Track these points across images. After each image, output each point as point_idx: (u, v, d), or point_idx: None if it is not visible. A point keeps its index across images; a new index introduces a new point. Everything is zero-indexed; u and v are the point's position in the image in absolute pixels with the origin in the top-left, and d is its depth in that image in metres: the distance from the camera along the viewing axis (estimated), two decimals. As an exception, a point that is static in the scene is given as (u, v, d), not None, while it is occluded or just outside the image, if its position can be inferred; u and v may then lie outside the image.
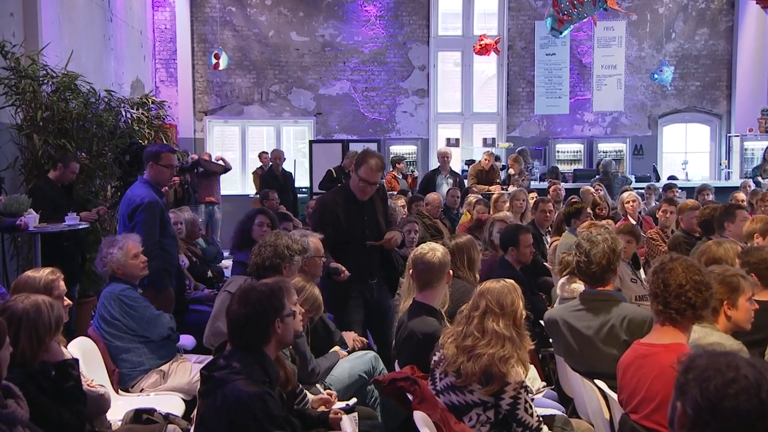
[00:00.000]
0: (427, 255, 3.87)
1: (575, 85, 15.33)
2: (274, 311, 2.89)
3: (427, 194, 9.11)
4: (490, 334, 3.13)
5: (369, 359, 4.45)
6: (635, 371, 2.90)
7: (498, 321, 3.15)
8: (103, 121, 7.79)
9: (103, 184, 8.15)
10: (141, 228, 5.13)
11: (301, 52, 14.97)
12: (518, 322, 3.18)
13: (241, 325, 2.86)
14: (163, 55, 14.26)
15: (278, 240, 4.19)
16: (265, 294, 2.91)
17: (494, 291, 3.22)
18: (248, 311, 2.85)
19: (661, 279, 2.88)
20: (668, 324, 2.88)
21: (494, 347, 3.09)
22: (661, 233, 7.23)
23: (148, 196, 5.25)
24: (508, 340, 3.11)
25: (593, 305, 3.73)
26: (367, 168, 5.02)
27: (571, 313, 3.80)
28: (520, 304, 3.21)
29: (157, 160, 5.41)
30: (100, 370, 4.14)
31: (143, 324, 4.38)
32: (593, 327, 3.65)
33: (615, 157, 14.86)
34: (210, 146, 14.72)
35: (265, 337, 2.89)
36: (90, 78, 8.18)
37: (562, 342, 3.83)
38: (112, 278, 4.45)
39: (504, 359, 3.07)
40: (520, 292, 3.26)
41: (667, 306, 2.86)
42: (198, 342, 4.94)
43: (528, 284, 5.56)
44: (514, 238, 5.63)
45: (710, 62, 15.58)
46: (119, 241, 4.49)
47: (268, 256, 4.13)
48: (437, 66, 15.34)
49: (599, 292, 3.76)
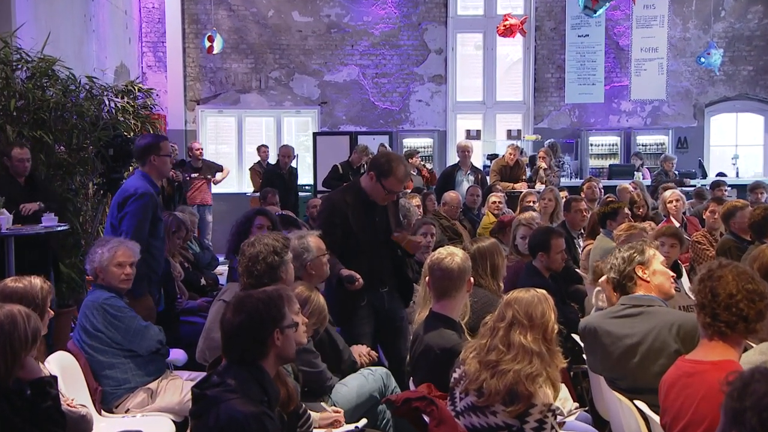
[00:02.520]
0: (445, 260, 3.86)
1: (611, 70, 15.28)
2: (273, 321, 2.89)
3: (445, 193, 9.09)
4: (516, 348, 3.12)
5: (380, 376, 4.44)
6: (680, 391, 2.88)
7: (526, 334, 3.14)
8: (84, 111, 7.83)
9: (83, 181, 8.18)
10: (130, 219, 5.17)
11: (304, 34, 14.99)
12: (549, 336, 3.18)
13: (235, 336, 2.86)
14: (150, 38, 14.31)
15: (257, 247, 4.03)
16: (262, 302, 2.91)
17: (523, 301, 3.22)
18: (243, 320, 2.85)
19: (708, 288, 2.87)
20: (717, 338, 2.86)
21: (521, 363, 3.08)
22: (708, 236, 7.19)
23: (143, 187, 5.32)
24: (536, 355, 3.10)
25: (636, 311, 3.71)
26: (395, 181, 5.05)
27: (611, 320, 3.77)
28: (551, 317, 3.21)
29: (158, 151, 5.50)
30: (81, 388, 4.15)
31: (129, 336, 4.39)
32: (637, 335, 3.62)
33: (656, 151, 14.81)
34: (203, 139, 14.75)
35: (263, 350, 2.89)
36: (69, 63, 8.22)
37: (599, 354, 3.80)
38: (95, 285, 4.47)
39: (531, 377, 3.06)
40: (551, 303, 3.26)
41: (716, 318, 2.84)
42: (190, 357, 4.95)
43: (558, 293, 5.54)
44: (544, 242, 5.60)
45: (764, 44, 15.49)
46: (111, 242, 4.53)
47: (259, 271, 4.01)
48: (456, 49, 15.33)
49: (643, 296, 3.75)
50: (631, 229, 5.95)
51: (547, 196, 8.49)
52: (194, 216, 8.37)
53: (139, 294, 5.12)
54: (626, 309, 3.75)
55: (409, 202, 7.74)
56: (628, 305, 3.75)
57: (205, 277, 7.32)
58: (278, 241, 4.10)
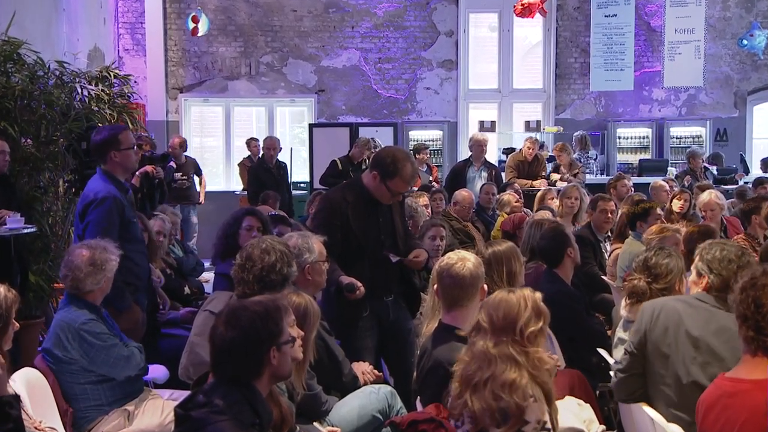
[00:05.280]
0: (456, 266, 3.87)
1: (642, 54, 15.27)
2: (270, 337, 2.89)
3: (456, 191, 9.08)
4: (479, 358, 3.19)
5: (384, 395, 4.45)
6: (719, 413, 2.88)
7: (487, 339, 3.22)
8: (53, 100, 7.81)
9: (53, 177, 8.17)
10: (92, 229, 5.11)
11: (299, 15, 15.00)
12: (522, 338, 3.21)
13: (228, 353, 2.86)
14: (128, 18, 14.32)
15: (272, 255, 4.08)
16: (259, 315, 2.90)
17: (487, 304, 3.33)
18: (238, 336, 2.85)
19: (751, 298, 2.87)
20: (761, 354, 2.86)
21: (488, 370, 3.13)
22: (750, 240, 7.16)
23: (103, 190, 5.24)
24: (510, 359, 3.14)
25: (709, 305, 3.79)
26: (401, 182, 5.05)
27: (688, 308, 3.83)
28: (522, 316, 3.25)
29: (118, 145, 5.39)
30: (51, 409, 4.15)
31: (107, 368, 4.39)
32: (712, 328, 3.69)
33: (693, 143, 14.78)
34: (186, 131, 14.78)
35: (258, 369, 2.89)
36: (37, 46, 8.21)
37: (679, 341, 3.77)
38: (69, 296, 4.47)
39: (511, 384, 3.07)
40: (529, 301, 3.30)
41: (760, 332, 2.84)
42: (172, 374, 4.95)
43: (582, 303, 5.54)
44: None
45: (813, 25, 15.48)
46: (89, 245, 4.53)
47: (274, 282, 4.06)
48: (468, 31, 15.33)
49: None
50: (663, 231, 5.94)
51: (572, 194, 8.40)
52: (177, 216, 8.36)
53: (122, 306, 5.10)
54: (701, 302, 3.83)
55: (416, 202, 7.73)
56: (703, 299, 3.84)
57: (189, 285, 7.33)
58: (287, 249, 4.16)
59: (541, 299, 3.36)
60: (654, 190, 9.62)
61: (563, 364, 4.94)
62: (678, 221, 8.02)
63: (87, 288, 4.44)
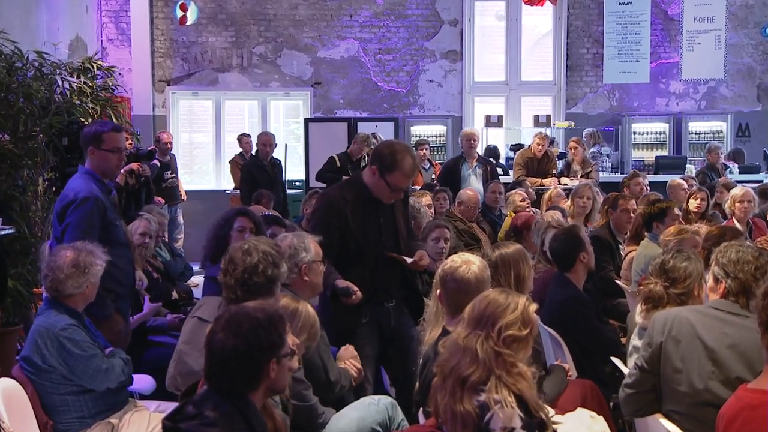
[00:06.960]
0: (460, 270, 3.87)
1: (658, 44, 15.28)
2: (272, 348, 2.88)
3: (461, 190, 9.08)
4: (455, 347, 3.18)
5: (384, 407, 4.44)
6: (741, 426, 2.88)
7: (463, 328, 3.22)
8: (32, 93, 7.82)
9: (32, 175, 8.17)
10: (72, 232, 5.08)
11: (294, 2, 15.00)
12: (496, 337, 3.18)
13: (227, 362, 2.85)
14: (111, 6, 14.32)
15: (254, 256, 4.03)
16: (262, 324, 2.89)
17: (478, 296, 3.35)
18: (240, 343, 2.85)
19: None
20: (785, 363, 2.86)
21: (457, 363, 3.12)
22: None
23: (84, 190, 5.22)
24: (471, 354, 3.13)
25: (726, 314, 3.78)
26: (400, 176, 5.04)
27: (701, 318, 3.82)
28: (501, 315, 3.21)
29: (99, 143, 5.38)
30: (29, 422, 4.16)
31: (86, 379, 4.38)
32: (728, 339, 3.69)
33: (713, 139, 14.77)
34: (173, 126, 14.77)
35: (256, 381, 2.89)
36: (14, 36, 8.22)
37: (693, 354, 3.77)
38: (49, 300, 4.47)
39: (474, 385, 3.07)
40: (522, 306, 3.27)
41: (784, 339, 2.84)
42: (159, 384, 4.95)
43: (593, 309, 5.54)
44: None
45: (840, 13, 15.50)
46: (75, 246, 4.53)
47: (257, 285, 4.02)
48: (474, 20, 15.34)
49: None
50: (682, 232, 5.94)
51: (585, 193, 8.40)
52: (164, 217, 8.37)
53: (102, 315, 5.07)
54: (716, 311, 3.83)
55: (418, 202, 7.72)
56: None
57: (177, 290, 7.32)
58: (274, 249, 4.12)
59: (548, 306, 3.36)
60: (671, 189, 9.61)
61: (575, 374, 4.95)
62: (696, 222, 8.01)
63: (67, 291, 4.43)
